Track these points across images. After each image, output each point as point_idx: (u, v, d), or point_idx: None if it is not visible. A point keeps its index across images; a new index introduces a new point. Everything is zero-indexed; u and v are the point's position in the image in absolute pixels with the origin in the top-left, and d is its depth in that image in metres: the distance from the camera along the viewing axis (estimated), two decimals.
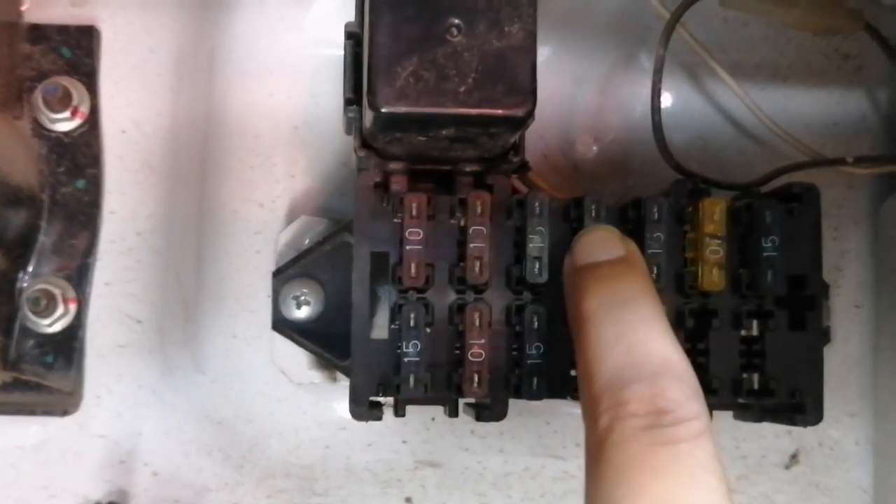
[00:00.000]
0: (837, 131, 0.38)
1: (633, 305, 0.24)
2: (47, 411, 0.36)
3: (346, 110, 0.27)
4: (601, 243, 0.26)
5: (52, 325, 0.35)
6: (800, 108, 0.38)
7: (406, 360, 0.27)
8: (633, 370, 0.23)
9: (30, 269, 0.36)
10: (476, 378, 0.27)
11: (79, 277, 0.36)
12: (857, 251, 0.38)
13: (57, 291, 0.35)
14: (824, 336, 0.36)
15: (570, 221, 0.29)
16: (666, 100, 0.37)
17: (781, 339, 0.29)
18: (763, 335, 0.29)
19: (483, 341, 0.28)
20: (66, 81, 0.36)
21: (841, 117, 0.38)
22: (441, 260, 0.28)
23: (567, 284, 0.26)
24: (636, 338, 0.23)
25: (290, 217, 0.36)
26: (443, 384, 0.28)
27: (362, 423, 0.35)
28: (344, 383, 0.35)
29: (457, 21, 0.24)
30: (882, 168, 0.36)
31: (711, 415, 0.29)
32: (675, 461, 0.21)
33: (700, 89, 0.38)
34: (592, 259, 0.26)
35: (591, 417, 0.23)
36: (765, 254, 0.28)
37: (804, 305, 0.29)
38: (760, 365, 0.29)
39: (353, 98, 0.27)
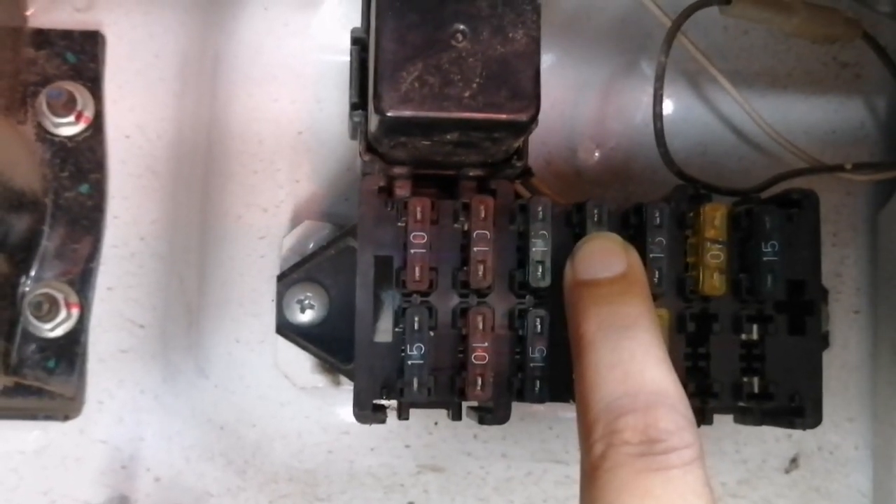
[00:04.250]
0: (836, 138, 0.38)
1: (633, 332, 0.24)
2: (49, 416, 0.36)
3: (351, 115, 0.28)
4: (602, 255, 0.26)
5: (55, 329, 0.35)
6: (799, 115, 0.38)
7: (410, 363, 0.27)
8: (627, 400, 0.23)
9: (32, 273, 0.35)
10: (479, 381, 0.28)
11: (81, 282, 0.36)
12: (856, 257, 0.38)
13: (59, 296, 0.35)
14: (823, 341, 0.36)
15: (572, 226, 0.29)
16: (667, 106, 0.37)
17: (781, 343, 0.29)
18: (763, 339, 0.29)
19: (486, 345, 0.28)
20: (70, 86, 0.36)
21: (839, 124, 0.38)
22: (445, 264, 0.28)
23: (567, 298, 0.26)
24: (633, 366, 0.24)
25: (294, 222, 0.36)
26: (446, 387, 0.28)
27: (365, 428, 0.35)
28: (347, 387, 0.35)
29: (461, 27, 0.24)
30: (880, 174, 0.36)
31: (712, 420, 0.29)
32: (667, 486, 0.22)
33: (701, 96, 0.38)
34: (592, 275, 0.26)
35: (586, 443, 0.23)
36: (765, 259, 0.29)
37: (803, 310, 0.29)
38: (760, 369, 0.29)
39: (359, 102, 0.28)
